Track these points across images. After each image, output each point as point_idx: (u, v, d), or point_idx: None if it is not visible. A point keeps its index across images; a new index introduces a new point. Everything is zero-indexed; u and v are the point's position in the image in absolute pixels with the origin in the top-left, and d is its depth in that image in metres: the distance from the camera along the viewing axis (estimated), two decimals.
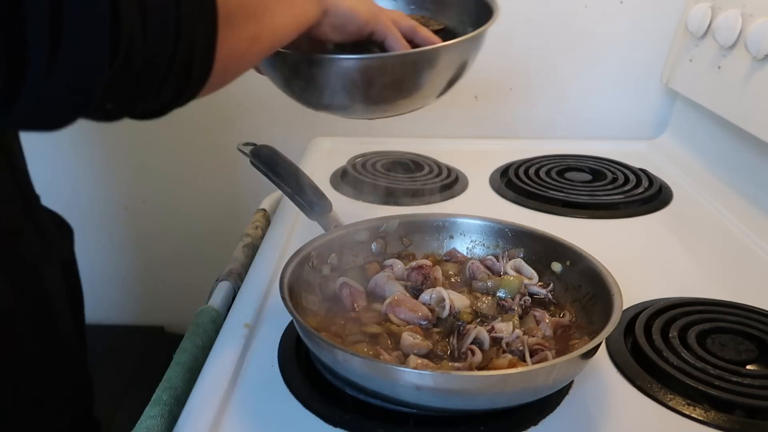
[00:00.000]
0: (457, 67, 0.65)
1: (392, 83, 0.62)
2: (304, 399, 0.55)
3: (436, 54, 0.63)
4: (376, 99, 0.64)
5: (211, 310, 0.70)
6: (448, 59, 0.64)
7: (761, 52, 0.88)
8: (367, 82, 0.62)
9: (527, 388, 0.51)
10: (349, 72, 0.61)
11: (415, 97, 0.65)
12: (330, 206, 0.72)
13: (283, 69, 0.65)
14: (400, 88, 0.63)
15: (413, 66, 0.62)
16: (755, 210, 0.92)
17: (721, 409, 0.55)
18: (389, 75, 0.62)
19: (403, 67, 0.62)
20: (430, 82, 0.64)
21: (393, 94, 0.64)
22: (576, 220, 0.92)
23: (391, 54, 0.62)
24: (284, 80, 0.66)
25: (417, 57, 0.62)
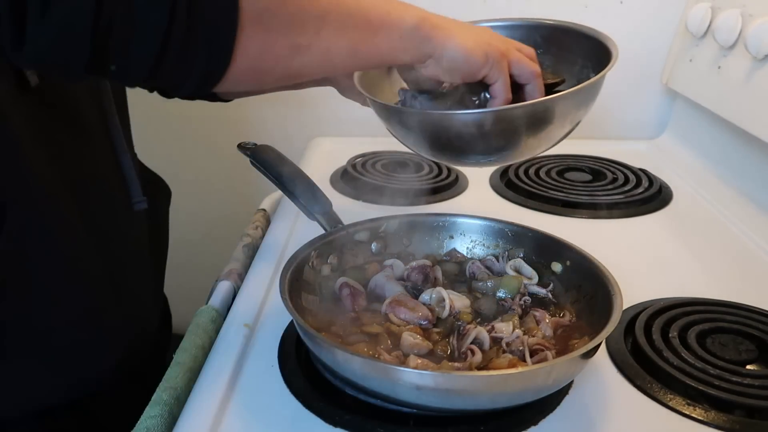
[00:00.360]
0: (569, 120, 0.62)
1: (489, 136, 0.60)
2: (304, 399, 0.55)
3: (543, 108, 0.60)
4: (482, 150, 0.63)
5: (211, 310, 0.70)
6: (558, 111, 0.60)
7: (761, 52, 0.88)
8: (459, 136, 0.60)
9: (527, 388, 0.51)
10: (444, 126, 0.60)
11: (522, 149, 0.63)
12: (330, 206, 0.72)
13: (378, 112, 0.65)
14: (502, 141, 0.61)
15: (508, 122, 0.59)
16: (755, 210, 0.92)
17: (721, 409, 0.55)
18: (486, 128, 0.59)
19: (498, 123, 0.59)
20: (543, 134, 0.61)
21: (497, 145, 0.62)
22: (576, 220, 0.92)
23: (486, 111, 0.59)
24: (383, 121, 0.66)
25: (512, 114, 0.59)
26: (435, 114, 0.62)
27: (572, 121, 0.63)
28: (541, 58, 0.71)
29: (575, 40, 0.70)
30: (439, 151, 0.64)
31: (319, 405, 0.54)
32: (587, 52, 0.69)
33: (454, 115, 0.60)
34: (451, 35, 0.55)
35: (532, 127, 0.60)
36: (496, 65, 0.58)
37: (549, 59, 0.72)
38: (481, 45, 0.57)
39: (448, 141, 0.61)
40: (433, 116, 0.61)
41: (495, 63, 0.57)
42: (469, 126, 0.59)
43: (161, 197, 0.78)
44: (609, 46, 0.65)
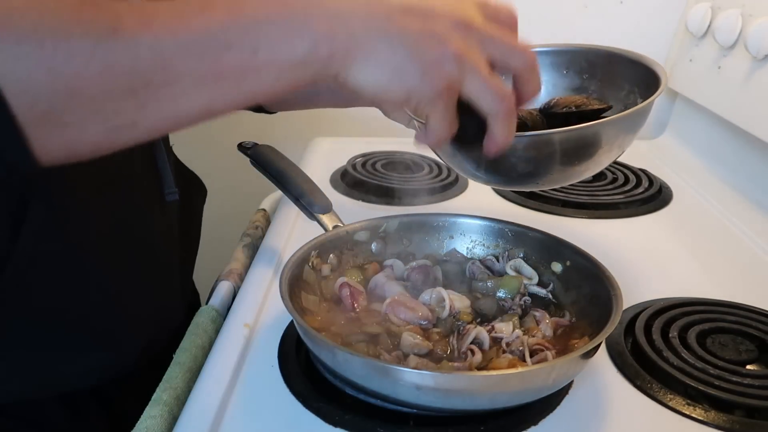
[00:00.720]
0: (617, 146, 0.60)
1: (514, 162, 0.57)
2: (304, 399, 0.55)
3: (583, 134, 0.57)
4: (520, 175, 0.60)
5: (211, 310, 0.70)
6: (604, 137, 0.58)
7: (761, 52, 0.88)
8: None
9: (527, 388, 0.51)
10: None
11: (564, 176, 0.61)
12: (330, 206, 0.72)
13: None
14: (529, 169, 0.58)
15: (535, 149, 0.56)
16: (755, 210, 0.92)
17: (721, 409, 0.55)
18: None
19: (535, 149, 0.56)
20: (588, 161, 0.59)
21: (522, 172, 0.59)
22: (576, 220, 0.92)
23: (522, 136, 0.54)
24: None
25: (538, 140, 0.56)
26: None
27: (619, 146, 0.61)
28: (587, 84, 0.70)
29: (622, 65, 0.68)
30: (486, 173, 0.61)
31: (319, 405, 0.54)
32: (634, 78, 0.67)
33: None
34: (357, 59, 0.41)
35: (574, 153, 0.57)
36: (425, 105, 0.43)
37: (595, 84, 0.70)
38: (402, 78, 0.42)
39: (492, 164, 0.57)
40: None
41: (422, 102, 0.43)
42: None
43: (195, 193, 0.78)
44: (657, 72, 0.63)
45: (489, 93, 0.43)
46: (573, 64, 0.69)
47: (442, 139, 0.45)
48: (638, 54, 0.67)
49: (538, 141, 0.56)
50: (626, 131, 0.60)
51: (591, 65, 0.70)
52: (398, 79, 0.41)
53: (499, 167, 0.58)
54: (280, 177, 0.77)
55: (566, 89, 0.71)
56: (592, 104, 0.64)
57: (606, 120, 0.59)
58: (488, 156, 0.48)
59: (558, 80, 0.71)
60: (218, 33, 0.38)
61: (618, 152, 0.62)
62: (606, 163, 0.62)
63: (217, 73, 0.38)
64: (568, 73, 0.71)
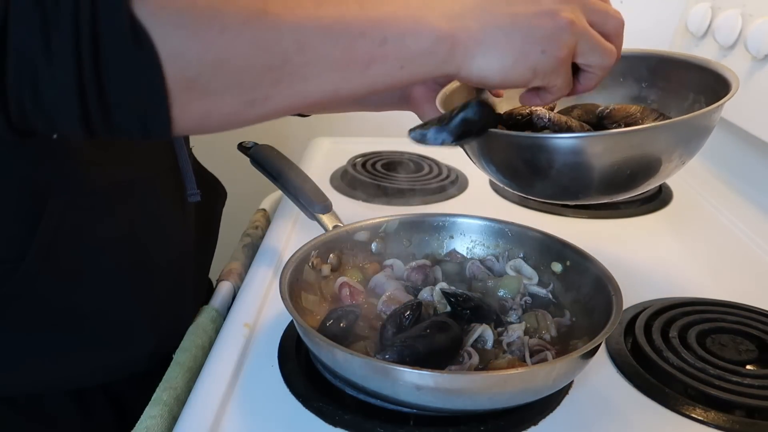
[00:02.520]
0: (677, 155, 0.55)
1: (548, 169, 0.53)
2: (304, 399, 0.55)
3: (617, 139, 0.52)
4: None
5: (211, 310, 0.70)
6: (663, 142, 0.53)
7: (761, 52, 0.88)
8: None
9: (527, 388, 0.51)
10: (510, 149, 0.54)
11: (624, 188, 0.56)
12: (330, 206, 0.72)
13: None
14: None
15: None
16: (755, 210, 0.92)
17: (721, 409, 0.55)
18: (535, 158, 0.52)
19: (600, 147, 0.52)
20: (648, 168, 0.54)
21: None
22: (576, 220, 0.92)
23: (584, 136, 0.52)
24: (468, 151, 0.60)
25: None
26: (524, 138, 0.54)
27: (679, 158, 0.55)
28: (646, 93, 0.65)
29: (685, 72, 0.63)
30: (525, 181, 0.57)
31: (319, 405, 0.54)
32: (699, 85, 0.61)
33: (542, 139, 0.53)
34: (478, 53, 0.45)
35: (623, 162, 0.52)
36: (550, 76, 0.47)
37: (655, 93, 0.65)
38: (526, 59, 0.46)
39: (534, 169, 0.54)
40: (522, 140, 0.54)
41: (548, 74, 0.47)
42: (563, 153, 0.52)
43: (215, 196, 0.79)
44: (727, 77, 0.57)
45: (600, 49, 0.49)
46: (631, 72, 0.65)
47: (562, 96, 0.50)
48: (704, 59, 0.62)
49: (577, 143, 0.52)
50: (685, 140, 0.54)
51: (651, 72, 0.65)
52: (522, 61, 0.45)
53: (540, 172, 0.54)
54: (280, 177, 0.77)
55: (623, 98, 0.66)
56: (646, 118, 0.59)
57: (658, 125, 0.53)
58: (579, 90, 0.52)
59: (614, 88, 0.66)
60: (352, 22, 0.41)
61: (677, 164, 0.56)
62: (663, 176, 0.56)
63: (348, 58, 0.41)
64: (626, 80, 0.66)
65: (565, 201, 0.62)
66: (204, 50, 0.38)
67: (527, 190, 0.59)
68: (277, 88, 0.41)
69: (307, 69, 0.41)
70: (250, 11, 0.39)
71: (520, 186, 0.59)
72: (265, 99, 0.41)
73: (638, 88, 0.66)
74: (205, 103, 0.39)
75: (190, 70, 0.38)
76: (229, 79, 0.39)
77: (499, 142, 0.55)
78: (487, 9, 0.45)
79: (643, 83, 0.64)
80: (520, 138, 0.54)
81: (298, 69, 0.40)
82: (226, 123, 0.42)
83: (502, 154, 0.56)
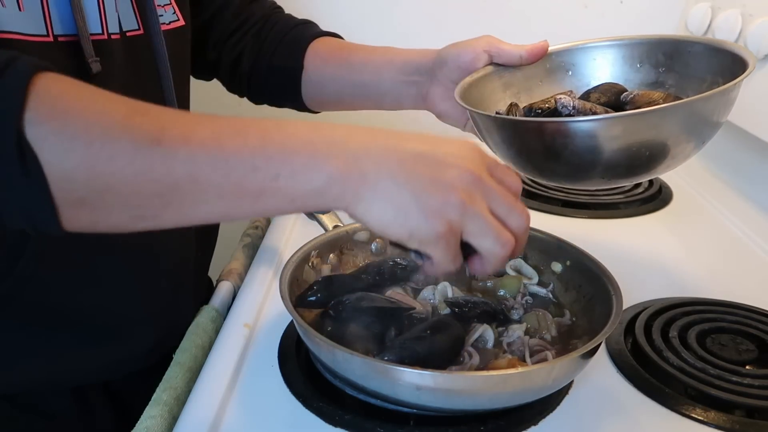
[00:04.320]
0: (689, 137, 0.55)
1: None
2: (304, 399, 0.55)
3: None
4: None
5: (211, 310, 0.70)
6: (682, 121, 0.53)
7: (761, 52, 0.88)
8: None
9: (527, 388, 0.51)
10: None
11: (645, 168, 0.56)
12: None
13: (484, 126, 0.60)
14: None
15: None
16: (755, 210, 0.92)
17: (721, 409, 0.55)
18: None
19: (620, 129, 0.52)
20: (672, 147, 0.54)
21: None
22: (576, 220, 0.92)
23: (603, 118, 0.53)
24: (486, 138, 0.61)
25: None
26: (549, 123, 0.55)
27: (701, 136, 0.55)
28: (664, 78, 0.65)
29: (702, 54, 0.62)
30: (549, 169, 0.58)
31: (319, 405, 0.54)
32: (717, 67, 0.61)
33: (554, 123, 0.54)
34: (365, 198, 0.43)
35: (641, 143, 0.53)
36: (426, 245, 0.45)
37: (673, 78, 0.65)
38: (405, 219, 0.43)
39: (557, 154, 0.54)
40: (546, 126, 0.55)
41: (424, 242, 0.44)
42: (582, 136, 0.52)
43: None
44: (743, 56, 0.57)
45: (492, 235, 0.46)
46: (648, 57, 0.64)
47: (446, 272, 0.47)
48: (721, 40, 0.62)
49: (593, 126, 0.52)
50: (704, 119, 0.54)
51: (668, 57, 0.64)
52: (401, 219, 0.44)
53: (562, 157, 0.54)
54: None
55: (640, 84, 0.66)
56: (667, 101, 0.59)
57: (677, 103, 0.52)
58: (472, 272, 0.50)
59: (631, 75, 0.66)
60: (246, 157, 0.42)
61: (696, 145, 0.55)
62: (682, 156, 0.55)
63: (239, 190, 0.42)
64: (643, 66, 0.66)
65: (588, 184, 0.61)
66: (92, 176, 0.39)
67: (556, 176, 0.59)
68: (166, 210, 0.42)
69: (197, 196, 0.41)
70: (143, 140, 0.40)
71: (548, 172, 0.59)
72: (154, 217, 0.42)
73: (656, 74, 0.66)
74: (93, 216, 0.41)
75: (77, 191, 0.39)
76: (116, 200, 0.40)
77: (525, 129, 0.56)
78: (391, 159, 0.44)
79: (661, 68, 0.64)
80: (547, 123, 0.55)
81: (187, 196, 0.41)
82: (117, 230, 0.43)
83: (524, 141, 0.57)
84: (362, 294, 0.61)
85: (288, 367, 0.59)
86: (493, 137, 0.60)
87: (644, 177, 0.59)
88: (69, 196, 0.39)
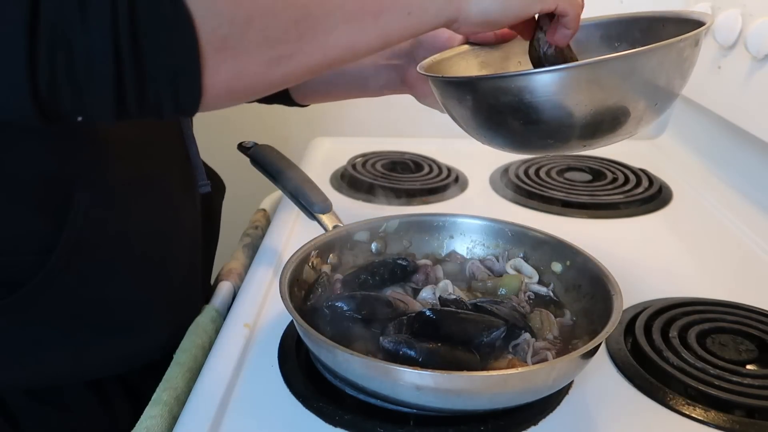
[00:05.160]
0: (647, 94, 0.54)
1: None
2: (304, 399, 0.55)
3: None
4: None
5: (211, 310, 0.70)
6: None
7: (761, 52, 0.88)
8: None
9: (527, 388, 0.51)
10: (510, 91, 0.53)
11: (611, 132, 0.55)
12: (330, 206, 0.72)
13: (443, 93, 0.59)
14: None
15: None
16: (755, 210, 0.92)
17: (721, 409, 0.55)
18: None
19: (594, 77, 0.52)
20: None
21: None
22: (576, 220, 0.92)
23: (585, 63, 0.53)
24: (449, 107, 0.60)
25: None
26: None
27: (654, 97, 0.55)
28: None
29: (675, 28, 0.61)
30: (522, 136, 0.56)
31: (319, 405, 0.54)
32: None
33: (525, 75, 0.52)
34: (471, 2, 0.49)
35: (601, 94, 0.52)
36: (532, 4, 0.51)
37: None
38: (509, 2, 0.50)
39: (533, 116, 0.53)
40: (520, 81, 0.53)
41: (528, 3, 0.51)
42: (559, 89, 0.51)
43: (215, 188, 0.81)
44: (704, 20, 0.57)
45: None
46: (626, 36, 0.64)
47: (579, 14, 0.55)
48: (687, 11, 0.62)
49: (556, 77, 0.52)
50: (652, 77, 0.54)
51: (644, 33, 0.64)
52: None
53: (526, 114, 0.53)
54: (280, 177, 0.76)
55: None
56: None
57: (637, 51, 0.52)
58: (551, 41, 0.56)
59: (608, 53, 0.64)
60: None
61: (647, 107, 0.55)
62: (634, 121, 0.55)
63: (360, 9, 0.45)
64: (621, 45, 0.66)
65: (544, 149, 0.60)
66: (234, 7, 0.40)
67: (515, 138, 0.58)
68: (300, 44, 0.43)
69: (326, 22, 0.44)
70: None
71: (506, 135, 0.58)
72: (290, 56, 0.43)
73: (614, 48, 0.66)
74: (234, 64, 0.41)
75: (221, 28, 0.39)
76: (257, 36, 0.41)
77: (481, 87, 0.56)
78: None
79: (638, 46, 0.64)
80: (502, 78, 0.54)
81: (318, 22, 0.43)
82: (252, 86, 0.44)
83: (478, 100, 0.56)
84: (362, 294, 0.61)
85: (288, 367, 0.59)
86: (449, 102, 0.59)
87: (595, 142, 0.57)
88: (213, 33, 0.39)
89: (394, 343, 0.54)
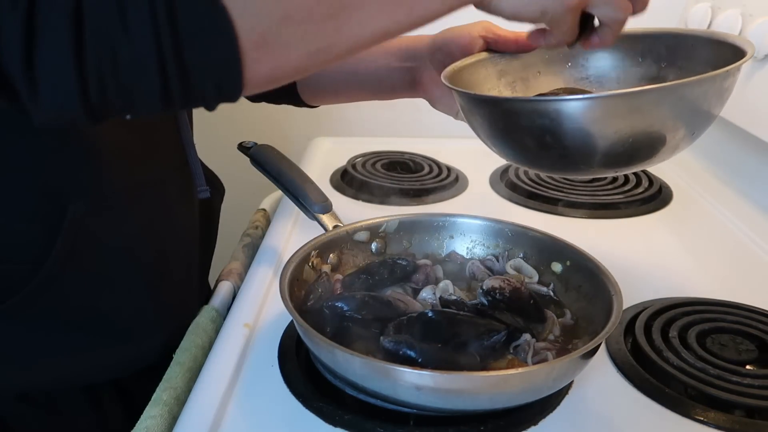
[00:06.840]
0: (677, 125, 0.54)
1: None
2: (304, 399, 0.55)
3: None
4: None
5: (211, 310, 0.70)
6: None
7: (761, 52, 0.88)
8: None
9: (527, 388, 0.51)
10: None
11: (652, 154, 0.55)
12: (330, 206, 0.72)
13: (469, 108, 0.57)
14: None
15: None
16: (755, 210, 0.92)
17: (721, 409, 0.55)
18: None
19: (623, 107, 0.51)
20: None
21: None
22: (576, 220, 0.92)
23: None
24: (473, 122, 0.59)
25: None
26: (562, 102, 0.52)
27: (690, 125, 0.54)
28: (665, 72, 0.63)
29: (705, 48, 0.61)
30: (547, 156, 0.55)
31: (319, 405, 0.54)
32: (719, 61, 0.58)
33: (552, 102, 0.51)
34: None
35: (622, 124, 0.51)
36: (557, 20, 0.51)
37: (675, 73, 0.63)
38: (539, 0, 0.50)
39: (557, 139, 0.52)
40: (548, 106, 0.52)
41: (555, 18, 0.51)
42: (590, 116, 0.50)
43: (214, 192, 0.81)
44: (743, 47, 0.55)
45: (613, 3, 0.53)
46: (651, 52, 0.63)
47: (563, 43, 0.54)
48: (723, 33, 0.60)
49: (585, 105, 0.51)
50: (694, 106, 0.53)
51: (671, 51, 0.63)
52: (535, 1, 0.50)
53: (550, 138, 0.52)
54: (280, 177, 0.77)
55: (641, 78, 0.65)
56: None
57: (667, 85, 0.51)
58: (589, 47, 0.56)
59: (632, 69, 0.65)
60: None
61: (684, 136, 0.54)
62: (671, 147, 0.54)
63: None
64: (644, 61, 0.65)
65: (574, 173, 0.60)
66: (272, 5, 0.40)
67: (538, 162, 0.58)
68: (338, 36, 0.43)
69: (362, 12, 0.44)
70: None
71: (529, 157, 0.58)
72: (328, 48, 0.43)
73: (657, 68, 0.65)
74: (274, 58, 0.41)
75: (260, 26, 0.40)
76: (295, 31, 0.41)
77: (510, 109, 0.55)
78: None
79: (662, 63, 0.63)
80: (531, 102, 0.54)
81: (354, 13, 0.43)
82: (292, 75, 0.44)
83: (507, 122, 0.56)
84: (362, 294, 0.61)
85: (288, 367, 0.59)
86: (475, 118, 0.58)
87: (625, 168, 0.57)
88: (252, 31, 0.39)
89: (395, 343, 0.54)
